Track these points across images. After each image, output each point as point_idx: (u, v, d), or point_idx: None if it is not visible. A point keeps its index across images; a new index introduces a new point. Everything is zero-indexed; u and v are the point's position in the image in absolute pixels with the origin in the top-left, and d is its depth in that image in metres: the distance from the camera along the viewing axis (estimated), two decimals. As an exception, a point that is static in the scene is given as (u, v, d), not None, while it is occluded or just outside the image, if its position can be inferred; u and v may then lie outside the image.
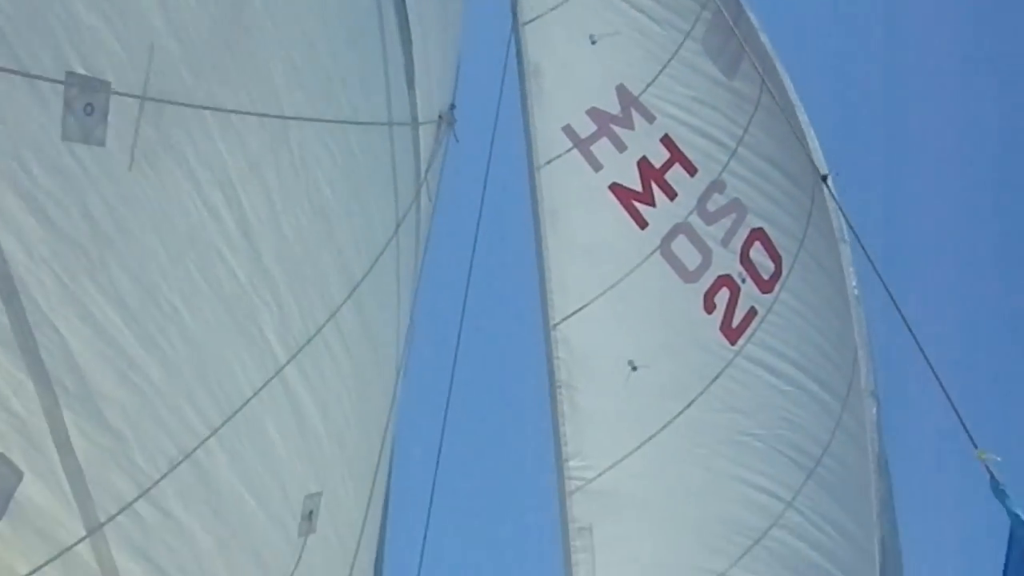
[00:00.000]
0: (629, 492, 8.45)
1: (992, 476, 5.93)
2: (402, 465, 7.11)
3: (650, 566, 8.39)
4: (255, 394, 5.05)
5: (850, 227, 8.42)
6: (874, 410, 8.95)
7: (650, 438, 8.46)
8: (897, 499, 8.84)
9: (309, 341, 5.39)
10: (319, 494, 5.69)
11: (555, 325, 8.69)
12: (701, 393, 8.53)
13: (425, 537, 7.52)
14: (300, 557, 5.80)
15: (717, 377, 8.58)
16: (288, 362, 5.25)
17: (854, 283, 8.98)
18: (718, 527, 8.41)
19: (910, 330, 6.13)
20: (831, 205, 8.61)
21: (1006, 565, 6.01)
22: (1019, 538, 5.93)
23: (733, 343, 8.65)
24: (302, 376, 5.39)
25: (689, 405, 8.51)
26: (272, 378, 5.13)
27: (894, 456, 8.93)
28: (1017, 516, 5.89)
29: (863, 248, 7.50)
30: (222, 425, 4.94)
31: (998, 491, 5.95)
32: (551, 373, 8.67)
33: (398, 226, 6.27)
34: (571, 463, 8.50)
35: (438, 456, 7.85)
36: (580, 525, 8.42)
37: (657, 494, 8.52)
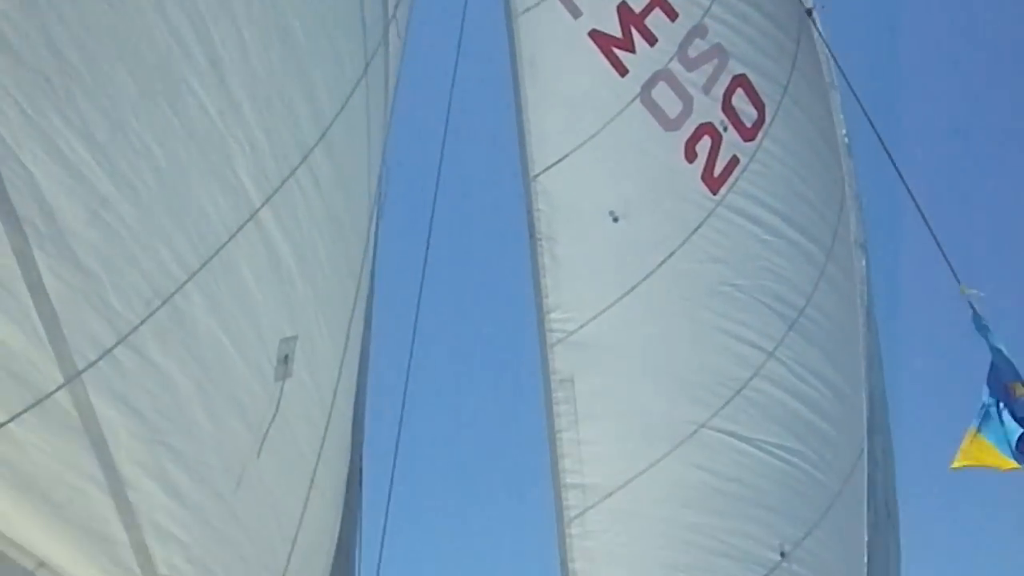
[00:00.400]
0: (610, 343, 8.57)
1: (975, 311, 6.05)
2: (382, 317, 7.15)
3: (632, 417, 8.54)
4: (231, 237, 5.06)
5: (837, 66, 8.41)
6: (863, 262, 9.03)
7: (631, 289, 8.54)
8: (885, 345, 8.95)
9: (283, 183, 5.40)
10: (294, 338, 5.76)
11: (535, 176, 8.72)
12: (682, 244, 8.59)
13: (405, 392, 7.60)
14: (279, 403, 5.89)
15: (698, 227, 8.63)
16: (263, 205, 5.26)
17: (844, 131, 8.99)
18: (699, 378, 8.53)
19: (898, 172, 6.18)
20: (818, 44, 8.57)
21: (989, 390, 6.17)
22: (1000, 372, 6.07)
23: (715, 192, 8.68)
24: (277, 219, 5.41)
25: (670, 256, 8.58)
26: (247, 221, 5.15)
27: (882, 303, 9.03)
28: (999, 351, 6.03)
29: (852, 90, 7.50)
30: (199, 268, 4.97)
31: (980, 326, 6.08)
32: (531, 225, 8.73)
33: (367, 65, 6.22)
34: (552, 315, 8.60)
35: (416, 310, 7.88)
36: (562, 377, 8.55)
37: (638, 345, 8.64)
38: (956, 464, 6.50)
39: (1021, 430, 5.99)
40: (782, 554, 8.23)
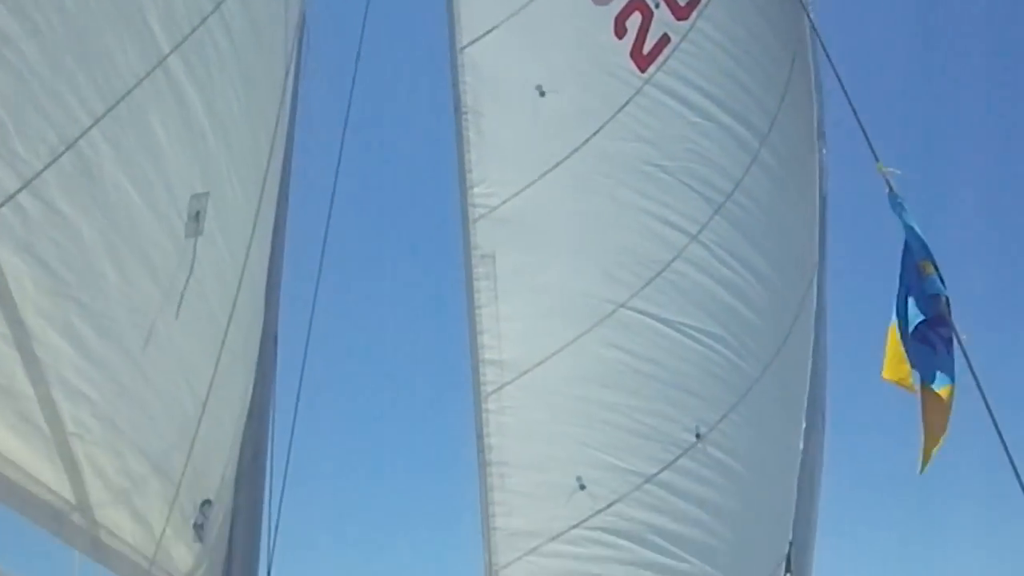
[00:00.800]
0: (533, 220, 8.64)
1: (891, 189, 6.16)
2: (300, 182, 7.13)
3: (552, 294, 8.66)
4: (138, 83, 5.05)
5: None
6: (823, 152, 9.01)
7: (556, 165, 8.60)
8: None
9: (193, 31, 5.36)
10: (205, 194, 5.78)
11: (462, 49, 8.72)
12: (608, 121, 8.63)
13: (322, 257, 7.59)
14: (192, 262, 5.91)
15: (625, 105, 8.66)
16: (172, 51, 5.24)
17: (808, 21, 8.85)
18: (621, 257, 8.62)
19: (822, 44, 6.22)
20: None
21: (901, 277, 6.31)
22: (912, 250, 6.22)
23: (643, 70, 8.69)
24: (187, 69, 5.40)
25: (596, 133, 8.62)
26: (155, 67, 5.13)
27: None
28: (911, 228, 6.16)
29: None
30: (105, 114, 4.96)
31: (895, 204, 6.20)
32: (456, 99, 8.74)
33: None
34: (475, 190, 8.66)
35: (335, 178, 7.83)
36: (483, 253, 8.63)
37: (561, 222, 8.72)
38: (885, 375, 6.59)
39: (921, 316, 6.14)
40: (697, 436, 8.41)
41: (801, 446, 5.66)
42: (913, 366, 6.45)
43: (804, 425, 5.73)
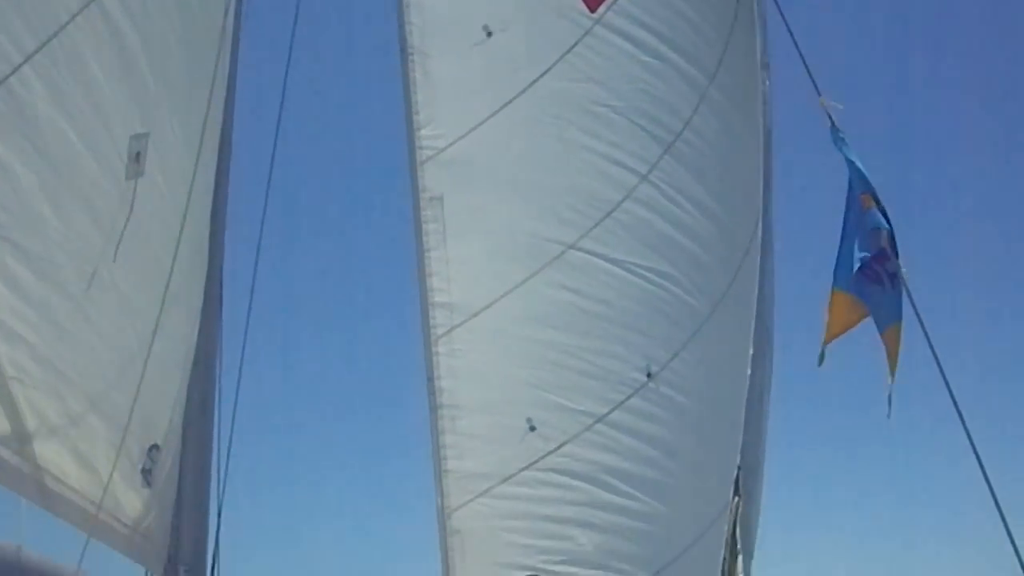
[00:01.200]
0: (481, 161, 8.62)
1: (833, 123, 6.19)
2: (242, 127, 7.08)
3: (501, 236, 8.66)
4: (71, 19, 5.00)
5: None
6: (766, 83, 8.97)
7: (504, 106, 8.56)
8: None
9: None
10: (146, 135, 5.74)
11: (407, -13, 8.62)
12: (557, 61, 8.59)
13: (266, 201, 7.55)
14: (131, 203, 5.88)
15: (574, 46, 8.61)
16: None
17: None
18: (570, 198, 8.61)
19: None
20: None
21: (846, 211, 6.34)
22: (854, 185, 6.25)
23: (593, 10, 8.64)
24: (122, 5, 5.33)
25: (545, 73, 8.58)
26: (89, 2, 5.07)
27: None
28: (852, 163, 6.20)
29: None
30: (37, 51, 4.91)
31: (837, 138, 6.23)
32: (403, 39, 8.67)
33: None
34: (422, 132, 8.62)
35: (278, 122, 7.75)
36: (431, 195, 8.61)
37: (509, 163, 8.70)
38: (829, 338, 6.53)
39: (863, 253, 6.15)
40: (648, 375, 8.45)
41: (748, 372, 5.68)
42: (867, 311, 6.43)
43: (751, 351, 5.74)
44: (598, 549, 8.41)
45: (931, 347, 5.52)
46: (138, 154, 5.72)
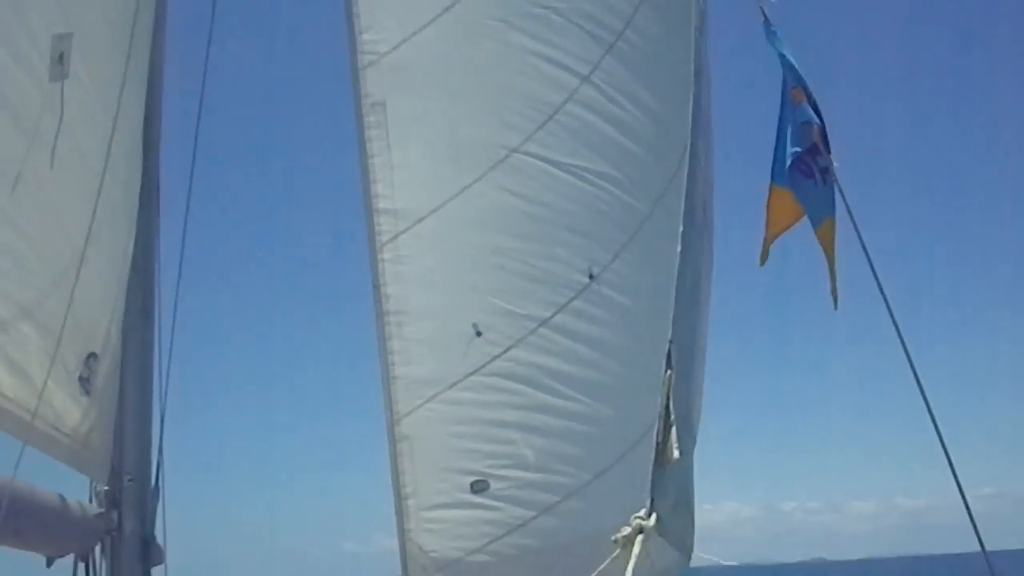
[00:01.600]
0: (423, 66, 8.53)
1: (766, 18, 6.16)
2: (175, 21, 6.93)
3: (443, 141, 8.59)
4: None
5: None
6: None
7: (445, 10, 8.47)
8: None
9: None
10: (69, 35, 5.62)
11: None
12: (497, -37, 8.48)
13: (201, 105, 7.42)
14: (60, 107, 5.78)
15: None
16: None
17: None
18: (512, 102, 8.55)
19: None
20: None
21: (781, 106, 6.32)
22: (787, 79, 6.24)
23: None
24: None
25: (487, -22, 8.47)
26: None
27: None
28: (784, 56, 6.18)
29: None
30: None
31: (770, 33, 6.20)
32: (342, -58, 8.52)
33: None
34: (364, 36, 8.51)
35: (210, 26, 7.57)
36: (373, 101, 8.53)
37: (452, 68, 8.62)
38: (770, 237, 6.48)
39: (795, 148, 6.14)
40: (591, 276, 8.46)
41: (679, 249, 5.63)
42: (803, 206, 6.44)
43: (682, 228, 5.68)
44: (542, 452, 8.46)
45: (861, 242, 5.52)
46: (62, 55, 5.61)
